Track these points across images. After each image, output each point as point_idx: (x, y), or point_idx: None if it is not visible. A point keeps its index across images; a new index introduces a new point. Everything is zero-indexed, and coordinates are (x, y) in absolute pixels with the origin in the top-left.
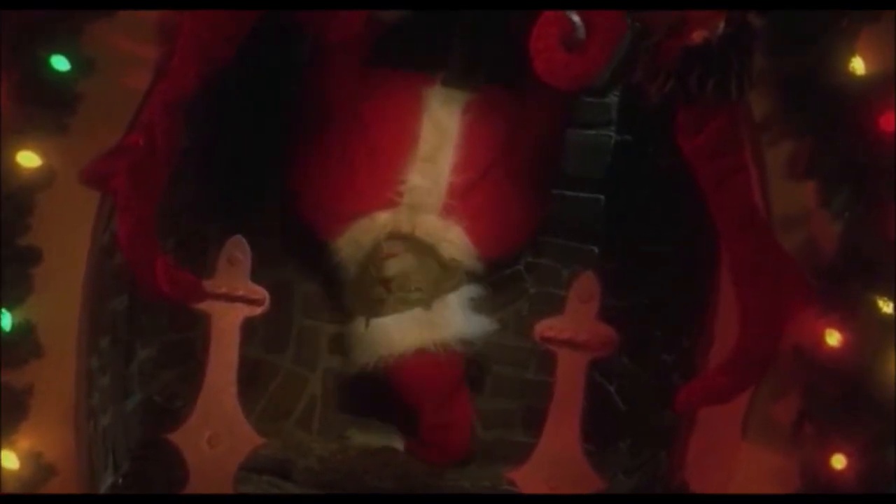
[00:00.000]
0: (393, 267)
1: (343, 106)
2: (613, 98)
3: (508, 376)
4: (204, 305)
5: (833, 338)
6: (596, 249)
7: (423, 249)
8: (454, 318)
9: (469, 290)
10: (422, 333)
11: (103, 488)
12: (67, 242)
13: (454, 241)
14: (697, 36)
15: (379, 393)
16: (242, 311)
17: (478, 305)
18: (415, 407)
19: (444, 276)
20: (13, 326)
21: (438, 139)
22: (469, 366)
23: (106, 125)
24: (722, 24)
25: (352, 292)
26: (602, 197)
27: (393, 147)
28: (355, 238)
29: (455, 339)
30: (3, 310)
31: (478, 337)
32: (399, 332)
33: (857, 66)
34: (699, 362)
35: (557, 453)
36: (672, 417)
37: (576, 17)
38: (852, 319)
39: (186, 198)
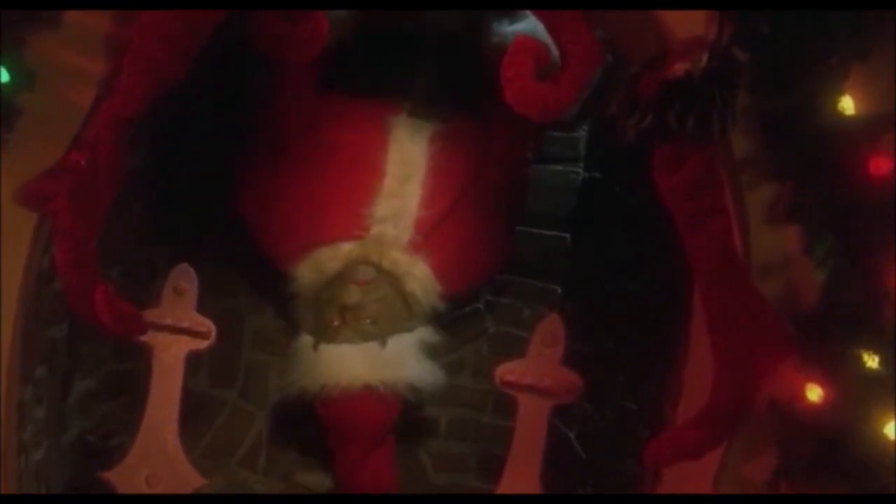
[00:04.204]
0: (355, 295)
1: (301, 131)
2: (582, 133)
3: (464, 418)
4: (146, 337)
5: (814, 393)
6: (559, 289)
7: (390, 280)
8: (407, 360)
9: (424, 333)
10: (372, 370)
11: None
12: (1, 266)
13: (418, 275)
14: (678, 69)
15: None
16: (187, 344)
17: (431, 351)
18: (338, 442)
19: (403, 312)
20: None
21: (405, 171)
22: (410, 410)
23: (47, 142)
24: (705, 58)
25: (304, 311)
26: (567, 235)
27: (358, 177)
28: (317, 264)
29: (403, 383)
30: None
31: (426, 383)
32: (349, 363)
33: (846, 105)
34: (666, 412)
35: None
36: (636, 467)
37: (551, 46)
38: (835, 374)
39: (132, 223)
